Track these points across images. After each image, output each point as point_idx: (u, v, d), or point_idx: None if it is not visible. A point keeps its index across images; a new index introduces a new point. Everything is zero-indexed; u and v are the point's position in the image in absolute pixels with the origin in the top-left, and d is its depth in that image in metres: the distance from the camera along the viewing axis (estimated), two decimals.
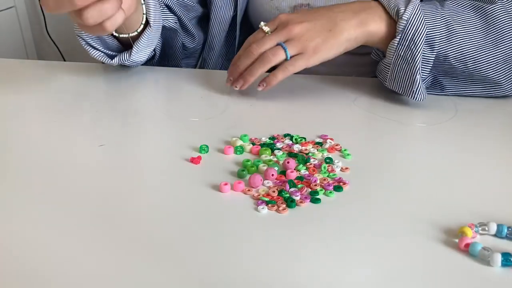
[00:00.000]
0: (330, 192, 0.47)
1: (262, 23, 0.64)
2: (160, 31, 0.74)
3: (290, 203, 0.46)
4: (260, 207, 0.45)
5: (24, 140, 0.59)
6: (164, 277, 0.38)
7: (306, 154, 0.54)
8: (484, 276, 0.38)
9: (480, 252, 0.39)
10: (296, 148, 0.55)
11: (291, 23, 0.63)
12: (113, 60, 0.71)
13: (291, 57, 0.63)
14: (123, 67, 0.78)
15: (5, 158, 0.55)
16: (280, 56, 0.62)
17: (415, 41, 0.61)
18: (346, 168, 0.52)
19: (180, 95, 0.71)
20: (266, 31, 0.63)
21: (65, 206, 0.46)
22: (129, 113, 0.65)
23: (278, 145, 0.56)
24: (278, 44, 0.63)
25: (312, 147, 0.56)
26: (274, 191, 0.47)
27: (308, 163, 0.52)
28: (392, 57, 0.63)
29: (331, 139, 0.57)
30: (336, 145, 0.56)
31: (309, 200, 0.47)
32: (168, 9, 0.81)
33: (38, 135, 0.60)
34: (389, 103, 0.67)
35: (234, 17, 0.86)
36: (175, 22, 0.81)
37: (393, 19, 0.63)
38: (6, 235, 0.43)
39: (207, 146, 0.55)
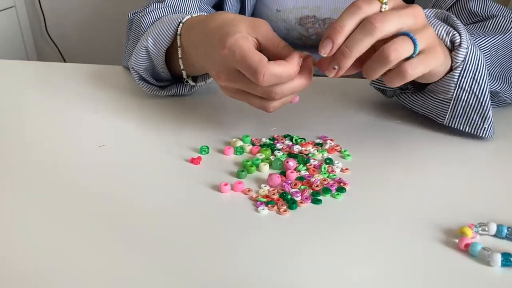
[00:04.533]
0: (338, 194, 0.47)
1: None
2: None
3: (291, 204, 0.46)
4: (260, 208, 0.45)
5: (24, 140, 0.59)
6: (163, 277, 0.38)
7: (306, 154, 0.54)
8: (484, 276, 0.38)
9: (480, 252, 0.39)
10: (296, 148, 0.55)
11: (421, 15, 0.47)
12: (163, 92, 0.68)
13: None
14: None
15: (5, 158, 0.55)
16: (406, 52, 0.46)
17: (480, 71, 0.53)
18: (346, 169, 0.52)
19: (181, 95, 0.71)
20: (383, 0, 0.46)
21: (65, 207, 0.46)
22: (129, 114, 0.65)
23: (278, 145, 0.56)
24: (403, 34, 0.46)
25: (312, 148, 0.56)
26: (274, 194, 0.47)
27: (308, 164, 0.52)
28: (453, 92, 0.54)
29: (331, 140, 0.57)
30: (336, 146, 0.56)
31: (310, 201, 0.47)
32: None
33: (38, 135, 0.60)
34: (388, 104, 0.67)
35: None
36: None
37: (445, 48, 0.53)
38: (6, 235, 0.43)
39: (207, 147, 0.55)
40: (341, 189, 0.48)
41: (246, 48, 0.47)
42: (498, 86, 0.59)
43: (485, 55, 0.58)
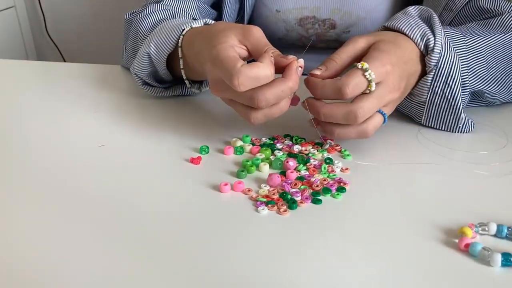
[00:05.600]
0: (338, 194, 0.47)
1: (365, 65, 0.49)
2: None
3: (291, 204, 0.46)
4: (260, 208, 0.45)
5: (24, 140, 0.59)
6: (163, 277, 0.38)
7: (306, 154, 0.54)
8: (484, 276, 0.38)
9: (480, 252, 0.39)
10: (296, 148, 0.55)
11: (393, 84, 0.51)
12: (168, 92, 0.69)
13: None
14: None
15: (5, 158, 0.55)
16: (378, 125, 0.53)
17: (453, 75, 0.55)
18: (346, 169, 0.52)
19: (187, 95, 0.71)
20: (369, 79, 0.49)
21: (65, 207, 0.46)
22: (129, 113, 0.65)
23: (278, 145, 0.56)
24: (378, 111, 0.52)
25: (312, 148, 0.56)
26: (274, 194, 0.47)
27: (308, 164, 0.52)
28: (427, 95, 0.57)
29: (331, 139, 0.57)
30: (336, 145, 0.56)
31: (310, 200, 0.47)
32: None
33: (38, 135, 0.60)
34: None
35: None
36: None
37: (418, 49, 0.55)
38: (5, 234, 0.43)
39: (207, 147, 0.55)
40: (341, 189, 0.48)
41: (224, 56, 0.49)
42: (486, 86, 0.60)
43: (479, 55, 0.59)
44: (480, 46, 0.59)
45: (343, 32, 0.84)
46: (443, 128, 0.59)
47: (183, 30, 0.60)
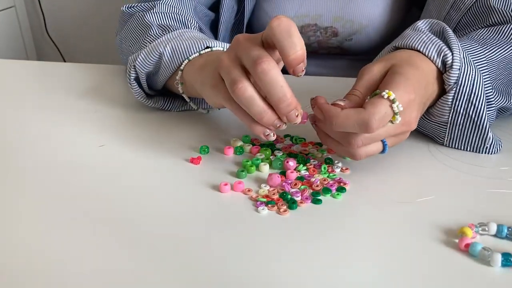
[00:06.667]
0: (338, 194, 0.47)
1: (391, 95, 0.44)
2: None
3: (291, 204, 0.46)
4: (260, 208, 0.45)
5: (24, 140, 0.59)
6: (163, 277, 0.38)
7: (306, 154, 0.54)
8: (484, 276, 0.38)
9: (480, 252, 0.39)
10: (296, 148, 0.55)
11: (409, 116, 0.47)
12: (150, 102, 0.65)
13: None
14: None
15: (5, 158, 0.55)
16: (372, 153, 0.49)
17: (476, 92, 0.51)
18: (346, 169, 0.52)
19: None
20: (396, 112, 0.45)
21: (64, 207, 0.46)
22: (129, 113, 0.65)
23: (278, 145, 0.56)
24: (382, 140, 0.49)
25: (312, 148, 0.56)
26: (274, 194, 0.47)
27: (308, 164, 0.52)
28: (448, 115, 0.53)
29: None
30: None
31: (310, 201, 0.47)
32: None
33: (38, 135, 0.60)
34: None
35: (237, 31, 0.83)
36: None
37: (435, 66, 0.51)
38: (4, 235, 0.43)
39: (207, 147, 0.55)
40: (341, 189, 0.48)
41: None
42: (509, 103, 0.56)
43: (500, 67, 0.55)
44: (501, 58, 0.56)
45: (345, 40, 0.83)
46: (468, 149, 0.55)
47: (204, 45, 0.58)
